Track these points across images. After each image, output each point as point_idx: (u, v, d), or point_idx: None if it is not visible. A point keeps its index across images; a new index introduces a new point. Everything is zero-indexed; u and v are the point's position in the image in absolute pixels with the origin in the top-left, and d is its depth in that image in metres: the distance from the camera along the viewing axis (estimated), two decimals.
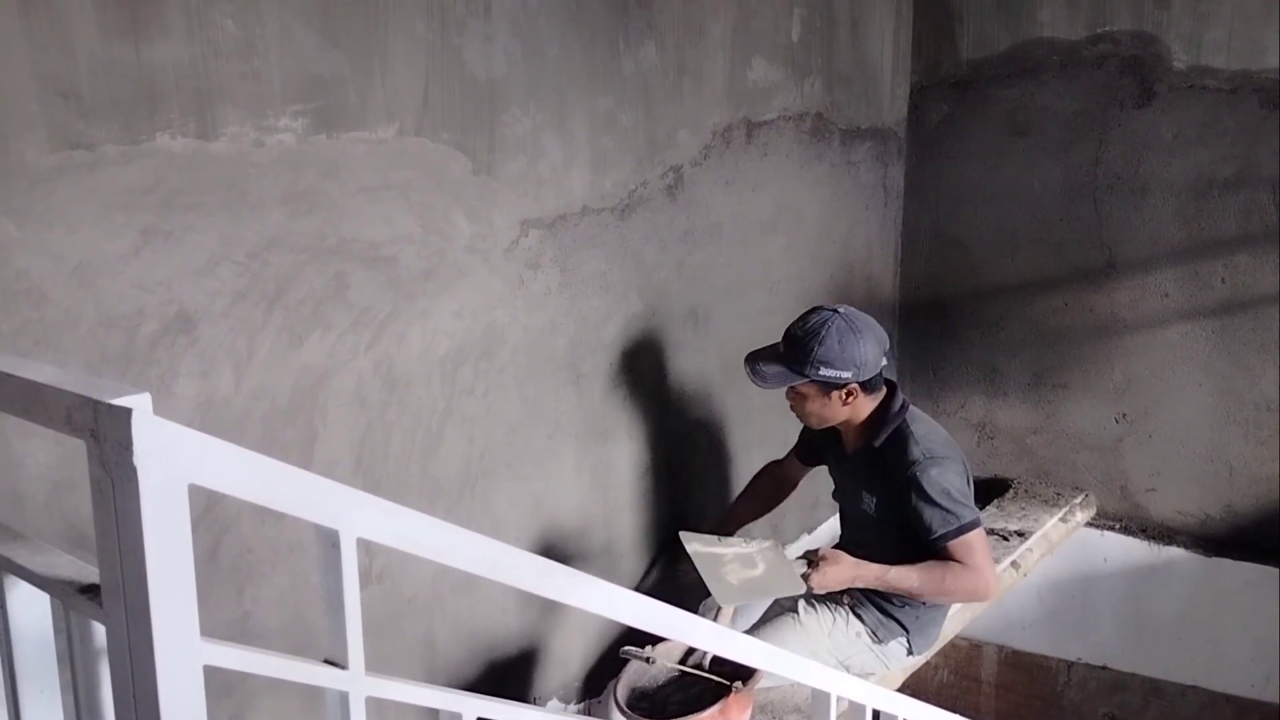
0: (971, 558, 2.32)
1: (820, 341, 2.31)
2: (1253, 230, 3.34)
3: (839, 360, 2.31)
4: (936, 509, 2.31)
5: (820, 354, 2.31)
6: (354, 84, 1.97)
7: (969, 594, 2.38)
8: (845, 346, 2.31)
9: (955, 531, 2.31)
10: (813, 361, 2.31)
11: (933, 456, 2.33)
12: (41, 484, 1.64)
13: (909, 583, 2.35)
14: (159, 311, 1.74)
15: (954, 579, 2.33)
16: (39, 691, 1.14)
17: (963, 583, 2.33)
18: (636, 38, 2.60)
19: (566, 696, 2.79)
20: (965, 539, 2.32)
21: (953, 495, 2.31)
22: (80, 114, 1.59)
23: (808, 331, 2.34)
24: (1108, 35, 3.45)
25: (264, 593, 1.99)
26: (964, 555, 2.32)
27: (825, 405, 2.39)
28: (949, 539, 2.31)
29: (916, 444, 2.34)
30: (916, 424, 2.40)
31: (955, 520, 2.31)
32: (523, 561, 1.18)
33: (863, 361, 2.33)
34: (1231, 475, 3.52)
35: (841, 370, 2.32)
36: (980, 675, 4.04)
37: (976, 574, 2.33)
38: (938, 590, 2.36)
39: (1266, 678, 3.55)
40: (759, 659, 1.65)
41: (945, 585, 2.34)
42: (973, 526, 2.32)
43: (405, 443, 2.21)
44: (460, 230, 2.24)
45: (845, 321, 2.34)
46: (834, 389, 2.35)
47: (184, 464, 0.82)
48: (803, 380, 2.35)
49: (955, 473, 2.35)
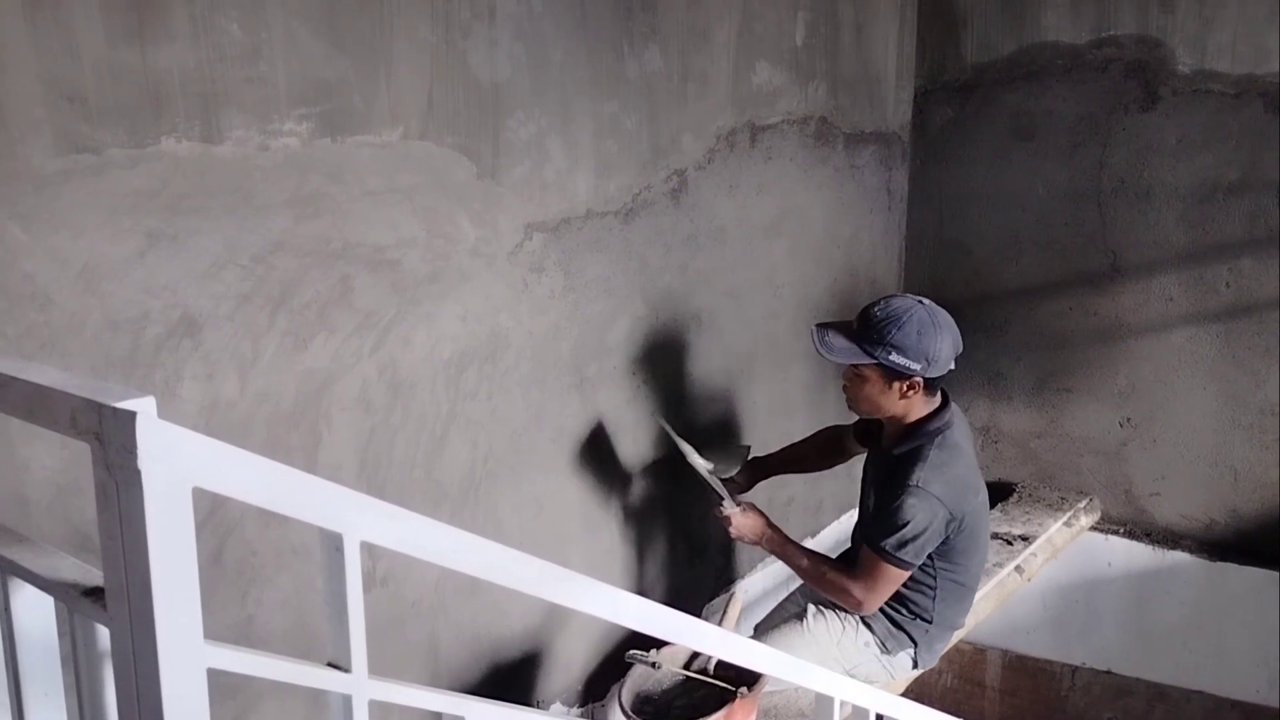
0: (870, 576, 2.33)
1: (899, 326, 2.24)
2: (1257, 234, 3.33)
3: (913, 350, 2.24)
4: (888, 524, 2.28)
5: (896, 338, 2.24)
6: (359, 88, 1.97)
7: (840, 595, 2.40)
8: (923, 338, 2.24)
9: (879, 551, 2.30)
10: (886, 344, 2.24)
11: (923, 489, 2.27)
12: (46, 487, 1.65)
13: (800, 560, 2.44)
14: (164, 315, 1.74)
15: (836, 577, 2.38)
16: (43, 694, 1.14)
17: (842, 583, 2.37)
18: (641, 42, 2.60)
19: (569, 700, 2.79)
20: (879, 562, 2.31)
21: (906, 529, 2.27)
22: (86, 118, 1.60)
23: (889, 314, 2.26)
24: (1112, 39, 3.45)
25: (268, 596, 2.00)
26: (866, 568, 2.34)
27: (884, 393, 2.32)
28: (871, 548, 2.32)
29: (923, 470, 2.28)
30: (939, 451, 2.32)
31: (889, 544, 2.28)
32: (526, 565, 1.18)
33: (935, 357, 2.26)
34: (1236, 480, 3.51)
35: (912, 361, 2.25)
36: (984, 680, 4.03)
37: (860, 588, 2.35)
38: (818, 579, 2.42)
39: (1271, 683, 3.54)
40: (763, 664, 1.65)
41: (826, 577, 2.39)
42: (895, 563, 2.30)
43: (409, 446, 2.21)
44: (465, 234, 2.24)
45: (928, 313, 2.28)
46: (897, 379, 2.28)
47: (188, 467, 0.82)
48: (870, 362, 2.28)
49: (927, 516, 2.27)
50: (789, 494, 3.45)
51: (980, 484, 2.45)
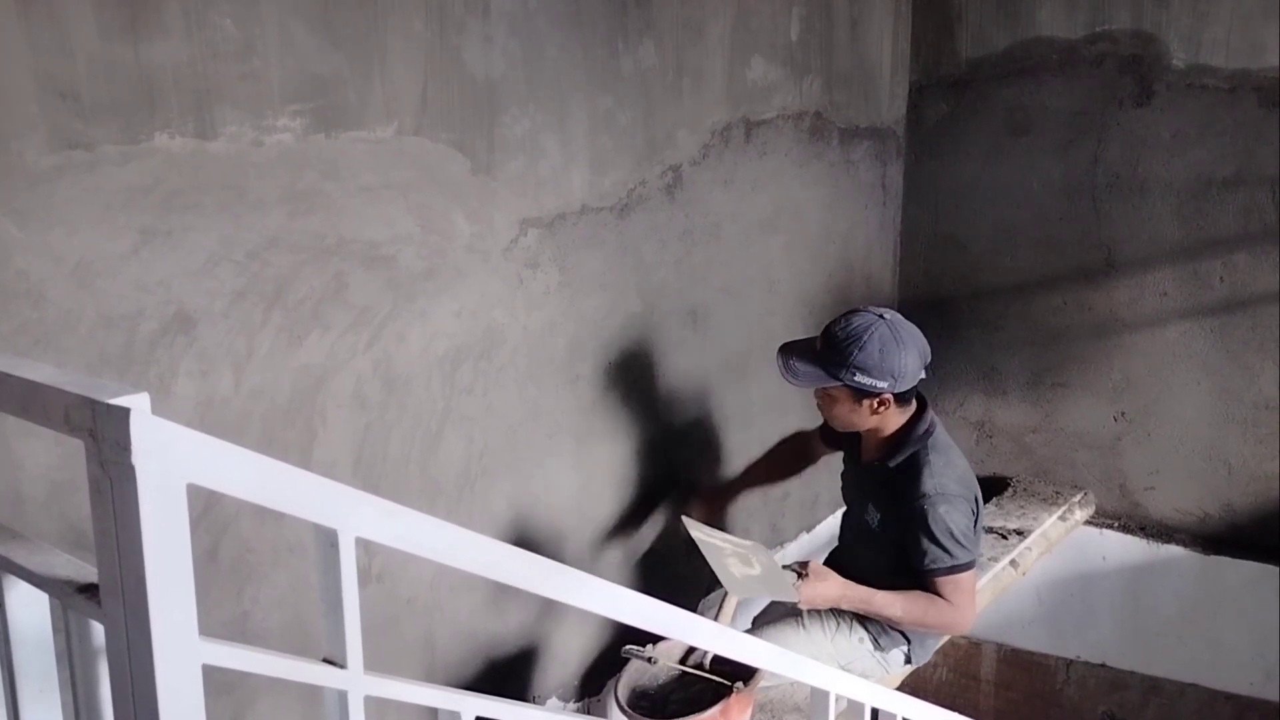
0: (957, 596, 2.32)
1: (861, 347, 2.22)
2: (1252, 229, 3.34)
3: (877, 369, 2.22)
4: (935, 545, 2.28)
5: (858, 359, 2.22)
6: (353, 84, 1.97)
7: (946, 628, 2.39)
8: (886, 356, 2.22)
9: (947, 570, 2.29)
10: (849, 366, 2.23)
11: (943, 493, 2.27)
12: (41, 484, 1.64)
13: (893, 610, 2.34)
14: (158, 311, 1.74)
15: (936, 613, 2.33)
16: (38, 690, 1.14)
17: (943, 618, 2.34)
18: (635, 37, 2.60)
19: (565, 695, 2.79)
20: (955, 578, 2.31)
21: (954, 535, 2.28)
22: (79, 114, 1.59)
23: (849, 334, 2.24)
24: (1107, 34, 3.45)
25: (263, 592, 1.99)
26: (950, 593, 2.32)
27: (854, 411, 2.32)
28: (939, 575, 2.31)
29: (931, 476, 2.28)
30: (936, 453, 2.33)
31: (950, 559, 2.29)
32: (522, 561, 1.18)
33: (901, 373, 2.24)
34: (1230, 473, 3.52)
35: (878, 380, 2.23)
36: (979, 673, 4.04)
37: (957, 611, 2.33)
38: (918, 621, 2.36)
39: (1266, 676, 3.56)
40: (759, 658, 1.65)
41: (926, 618, 2.34)
42: (966, 568, 2.31)
43: (404, 442, 2.21)
44: (459, 230, 2.24)
45: (889, 329, 2.24)
46: (866, 397, 2.28)
47: (182, 464, 0.82)
48: (835, 384, 2.27)
49: (962, 512, 2.29)
50: (784, 489, 3.45)
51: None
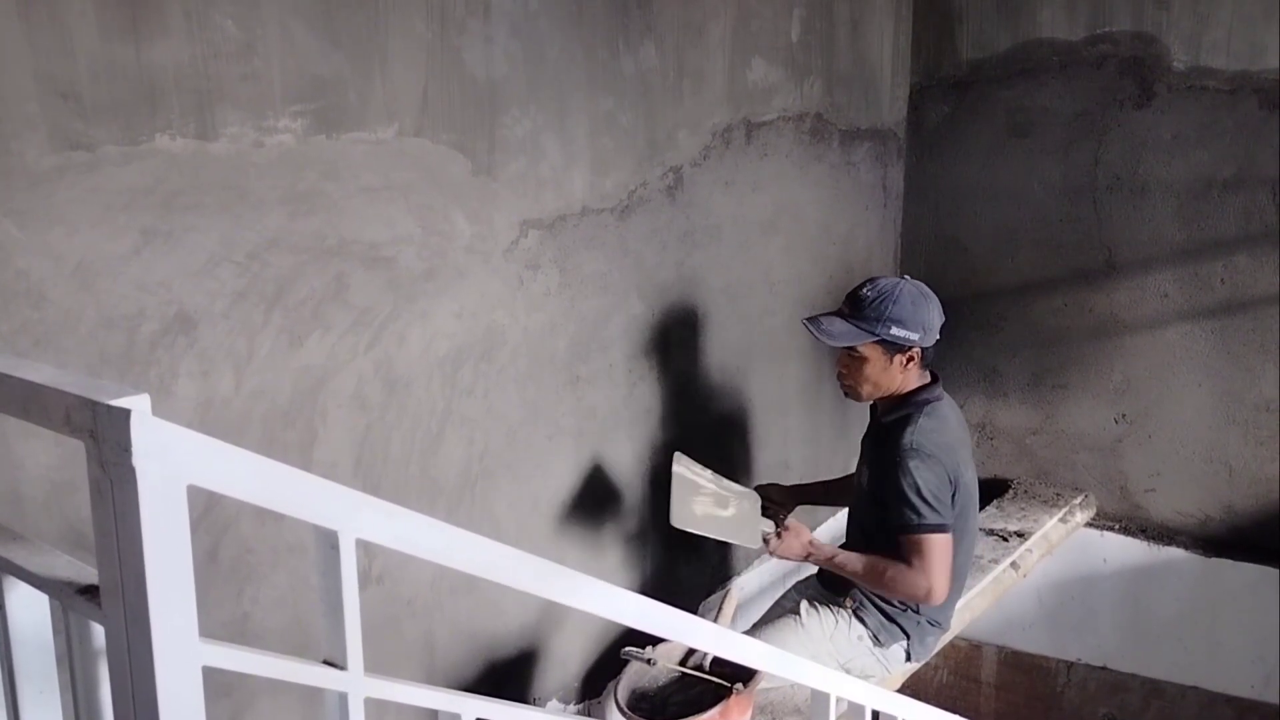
0: (918, 559, 2.31)
1: (895, 300, 2.32)
2: (1252, 231, 3.34)
3: (911, 320, 2.33)
4: (903, 502, 2.30)
5: (893, 313, 2.32)
6: (354, 85, 1.97)
7: (907, 594, 2.36)
8: (917, 308, 2.34)
9: (913, 528, 2.30)
10: (885, 319, 2.32)
11: (917, 449, 2.31)
12: (41, 485, 1.64)
13: (853, 566, 2.38)
14: (159, 312, 1.74)
15: (896, 574, 2.33)
16: (38, 692, 1.14)
17: (903, 581, 2.33)
18: (636, 39, 2.60)
19: (566, 697, 2.79)
20: (919, 539, 2.30)
21: (921, 493, 2.29)
22: (80, 115, 1.59)
23: (880, 293, 2.35)
24: (1107, 36, 3.45)
25: (263, 594, 1.99)
26: (912, 554, 2.32)
27: (884, 370, 2.38)
28: (904, 533, 2.32)
29: (913, 433, 2.33)
30: (928, 417, 2.37)
31: (915, 518, 2.30)
32: (522, 563, 1.18)
33: (930, 325, 2.36)
34: (1231, 476, 3.52)
35: (911, 332, 2.33)
36: (980, 676, 4.04)
37: (918, 575, 2.31)
38: (877, 582, 2.37)
39: (1266, 679, 3.55)
40: (759, 660, 1.65)
41: (885, 579, 2.35)
42: (932, 530, 2.30)
43: (405, 444, 2.21)
44: (460, 231, 2.24)
45: (914, 286, 2.38)
46: (898, 352, 2.36)
47: (183, 465, 0.82)
48: (872, 339, 2.34)
49: (935, 473, 2.31)
50: None
51: (971, 467, 2.48)
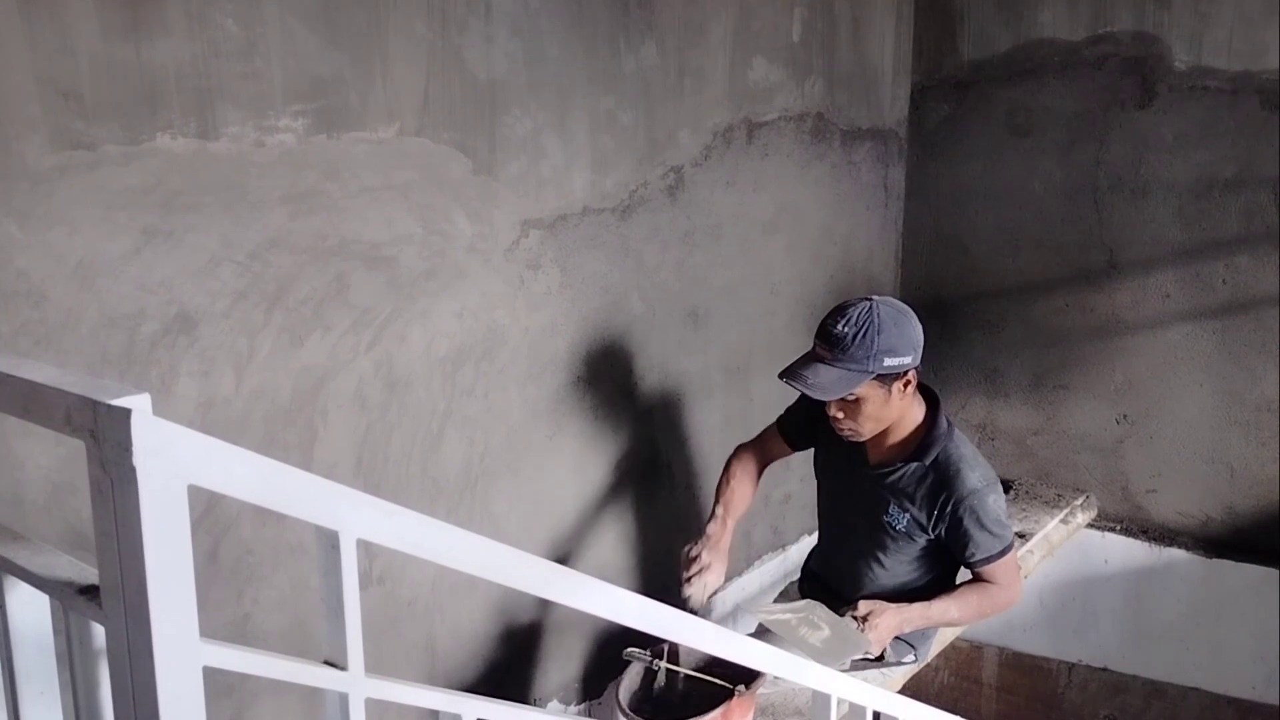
0: (1009, 576, 2.35)
1: (878, 330, 2.13)
2: (1254, 231, 3.33)
3: (900, 345, 2.15)
4: (987, 534, 2.29)
5: (881, 343, 2.12)
6: (355, 84, 1.97)
7: (1000, 610, 2.40)
8: (901, 329, 2.16)
9: (1000, 553, 2.32)
10: (874, 354, 2.12)
11: (989, 483, 2.29)
12: (41, 485, 1.64)
13: (950, 615, 2.35)
14: (160, 312, 1.74)
15: (989, 600, 2.35)
16: (38, 692, 1.13)
17: (997, 601, 2.35)
18: (637, 38, 2.60)
19: (567, 698, 2.79)
20: (1005, 560, 2.33)
21: (1003, 521, 2.31)
22: (81, 114, 1.59)
23: (859, 325, 2.13)
24: (1109, 36, 3.45)
25: (264, 594, 1.99)
26: (1001, 575, 2.34)
27: (884, 404, 2.22)
28: (992, 561, 2.32)
29: (973, 470, 2.28)
30: (963, 445, 2.33)
31: (1000, 544, 2.31)
32: (523, 563, 1.17)
33: (918, 342, 2.19)
34: (1233, 476, 3.52)
35: (903, 356, 2.16)
36: (981, 677, 4.03)
37: (1007, 590, 2.35)
38: (976, 615, 2.39)
39: (1268, 680, 3.55)
40: (761, 661, 1.65)
41: (982, 608, 2.36)
42: (1011, 547, 2.35)
43: (406, 443, 2.21)
44: (461, 230, 2.24)
45: (886, 306, 2.18)
46: (895, 380, 2.19)
47: (184, 464, 0.82)
48: (867, 378, 2.15)
49: (997, 493, 2.32)
50: (785, 491, 3.45)
51: None
